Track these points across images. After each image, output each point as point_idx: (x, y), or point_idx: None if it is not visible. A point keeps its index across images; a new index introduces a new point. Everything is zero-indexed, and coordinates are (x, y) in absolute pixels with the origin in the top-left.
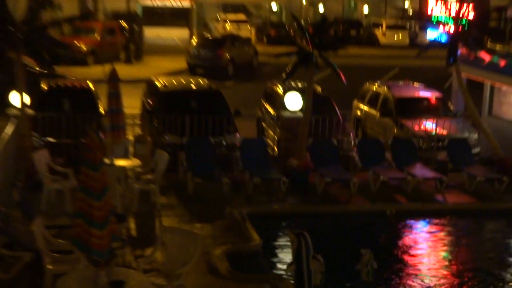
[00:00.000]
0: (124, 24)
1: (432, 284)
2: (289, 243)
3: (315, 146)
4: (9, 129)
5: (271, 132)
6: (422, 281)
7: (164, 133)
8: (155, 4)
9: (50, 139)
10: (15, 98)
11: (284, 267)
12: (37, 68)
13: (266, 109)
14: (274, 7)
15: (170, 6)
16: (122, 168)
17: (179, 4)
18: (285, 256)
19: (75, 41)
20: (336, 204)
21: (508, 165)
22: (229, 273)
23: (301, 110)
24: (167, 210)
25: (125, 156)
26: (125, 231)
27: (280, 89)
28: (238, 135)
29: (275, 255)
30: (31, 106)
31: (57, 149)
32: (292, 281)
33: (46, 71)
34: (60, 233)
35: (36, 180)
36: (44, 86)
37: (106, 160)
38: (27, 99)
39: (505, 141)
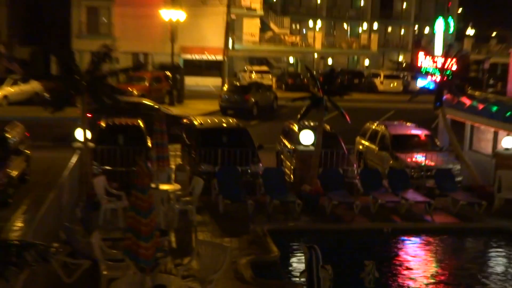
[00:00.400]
0: (168, 73)
1: (422, 284)
2: (302, 255)
3: (324, 174)
4: (74, 159)
5: (288, 163)
6: (414, 283)
7: (200, 163)
8: (194, 58)
9: (107, 167)
10: (79, 134)
11: (298, 274)
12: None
13: (284, 143)
14: (291, 60)
15: (206, 59)
16: (165, 192)
17: (214, 58)
18: (299, 266)
19: (128, 87)
20: (342, 222)
21: (486, 191)
22: (252, 279)
23: (313, 144)
24: (201, 227)
25: (168, 181)
26: (167, 243)
27: (295, 127)
28: (260, 165)
29: (291, 265)
30: (92, 140)
31: (112, 176)
32: (304, 287)
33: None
34: (114, 244)
35: (95, 201)
36: (102, 124)
37: (152, 185)
38: (88, 135)
39: (483, 171)
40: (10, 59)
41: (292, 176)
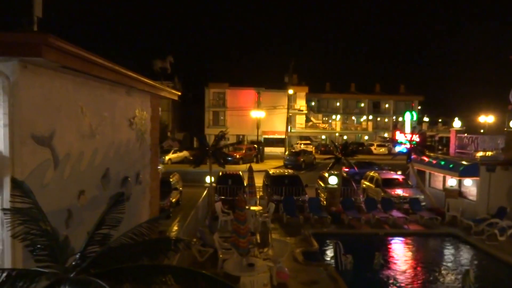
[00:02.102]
0: (255, 145)
1: (404, 266)
2: (331, 247)
3: (343, 201)
4: (204, 192)
5: (322, 194)
6: (399, 266)
7: (273, 194)
8: (269, 137)
9: (222, 197)
10: (207, 179)
11: (329, 259)
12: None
13: (320, 184)
14: (323, 137)
15: (276, 137)
16: (254, 211)
17: (280, 137)
18: (329, 253)
19: (234, 153)
20: (354, 229)
21: (440, 211)
22: (303, 261)
23: (336, 184)
24: (274, 230)
25: (255, 205)
26: (255, 240)
27: (326, 174)
28: (307, 195)
29: (325, 253)
30: (214, 182)
31: (225, 201)
32: (333, 266)
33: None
34: (225, 240)
35: (215, 215)
36: (220, 173)
37: (247, 207)
38: (212, 179)
39: (438, 199)
40: (173, 139)
41: (324, 202)
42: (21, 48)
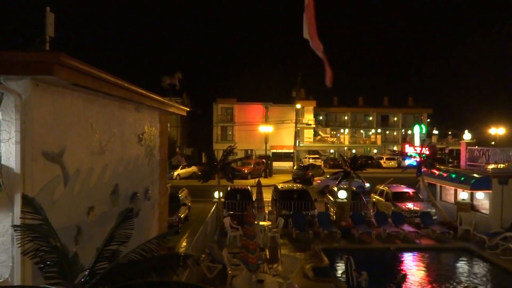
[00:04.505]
0: (264, 160)
1: (419, 282)
2: (342, 262)
3: (353, 215)
4: (213, 207)
5: (331, 209)
6: (414, 281)
7: (281, 209)
8: (277, 151)
9: (231, 212)
10: (216, 194)
11: (340, 274)
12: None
13: (329, 198)
14: (331, 151)
15: (284, 151)
16: (263, 226)
17: (288, 151)
18: (340, 269)
19: (242, 168)
20: (364, 244)
21: (452, 225)
22: (313, 277)
23: (346, 198)
24: (283, 246)
25: (264, 220)
26: (264, 255)
27: (335, 188)
28: (316, 210)
29: (335, 269)
30: (223, 197)
31: (234, 217)
32: (344, 282)
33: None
34: (234, 256)
35: (224, 231)
36: (228, 188)
37: (255, 222)
38: (221, 194)
39: (449, 213)
40: (181, 155)
41: (334, 216)
42: (34, 66)
